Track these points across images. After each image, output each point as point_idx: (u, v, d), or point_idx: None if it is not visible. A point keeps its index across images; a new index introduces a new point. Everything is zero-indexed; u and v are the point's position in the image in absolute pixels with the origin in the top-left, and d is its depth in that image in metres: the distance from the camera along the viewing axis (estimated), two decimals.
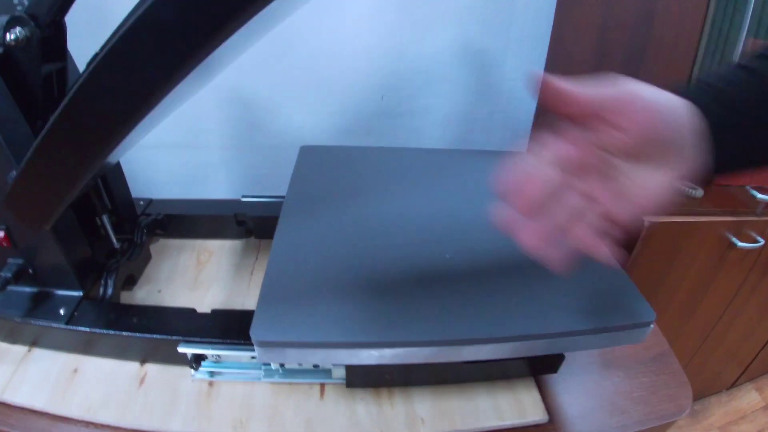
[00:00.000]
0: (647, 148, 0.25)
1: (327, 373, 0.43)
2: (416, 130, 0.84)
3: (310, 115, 0.81)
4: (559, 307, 0.36)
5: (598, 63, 0.72)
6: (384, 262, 0.39)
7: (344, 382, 0.42)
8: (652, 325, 0.36)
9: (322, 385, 0.43)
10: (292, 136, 0.82)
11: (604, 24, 0.70)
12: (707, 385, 1.15)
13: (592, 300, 0.37)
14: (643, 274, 0.70)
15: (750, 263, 0.80)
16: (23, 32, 0.36)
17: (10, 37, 0.36)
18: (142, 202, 0.60)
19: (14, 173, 0.36)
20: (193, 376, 0.43)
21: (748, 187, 0.71)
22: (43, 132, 0.31)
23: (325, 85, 0.77)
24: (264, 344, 0.33)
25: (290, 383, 0.43)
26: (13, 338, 0.49)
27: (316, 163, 0.54)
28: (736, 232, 0.73)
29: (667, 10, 0.59)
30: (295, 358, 0.34)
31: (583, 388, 0.46)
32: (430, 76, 0.79)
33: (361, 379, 0.42)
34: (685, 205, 0.69)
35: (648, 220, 0.64)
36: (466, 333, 0.33)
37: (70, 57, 0.43)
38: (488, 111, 0.84)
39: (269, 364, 0.42)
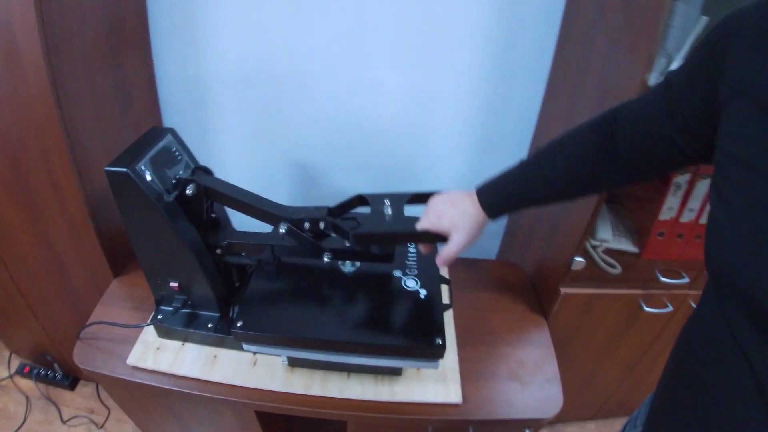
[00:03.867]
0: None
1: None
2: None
3: (354, 180, 1.26)
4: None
5: None
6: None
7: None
8: (438, 362, 0.75)
9: None
10: (339, 191, 1.26)
11: None
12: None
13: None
14: (561, 326, 1.05)
15: (661, 324, 1.10)
16: (194, 189, 0.78)
17: (188, 191, 0.78)
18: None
19: None
20: (282, 362, 0.87)
21: (656, 270, 1.02)
22: None
23: (365, 160, 1.21)
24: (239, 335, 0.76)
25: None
26: (169, 337, 0.94)
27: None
28: (645, 300, 1.03)
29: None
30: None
31: (491, 389, 0.88)
32: (441, 157, 1.20)
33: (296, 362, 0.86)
34: (602, 279, 1.01)
35: (563, 290, 0.99)
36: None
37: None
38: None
39: None
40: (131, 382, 0.88)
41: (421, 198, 0.78)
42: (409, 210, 0.77)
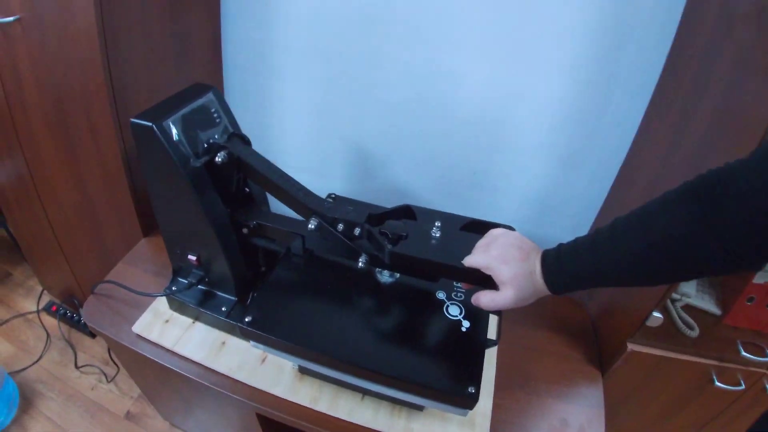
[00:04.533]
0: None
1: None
2: (495, 204, 1.12)
3: (414, 176, 1.14)
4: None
5: (651, 189, 0.88)
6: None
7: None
8: (468, 411, 0.62)
9: None
10: (397, 186, 1.16)
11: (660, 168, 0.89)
12: None
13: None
14: (617, 385, 0.91)
15: (727, 402, 0.94)
16: (224, 157, 0.69)
17: (218, 159, 0.69)
18: None
19: None
20: (292, 366, 0.78)
21: (738, 341, 0.86)
22: None
23: (431, 157, 1.09)
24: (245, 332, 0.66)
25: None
26: (180, 311, 0.87)
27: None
28: (718, 373, 0.87)
29: None
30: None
31: None
32: (516, 166, 1.05)
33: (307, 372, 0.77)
34: (675, 339, 0.86)
35: (631, 346, 0.85)
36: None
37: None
38: (560, 200, 1.08)
39: None
40: (132, 350, 0.83)
41: (481, 227, 0.66)
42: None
